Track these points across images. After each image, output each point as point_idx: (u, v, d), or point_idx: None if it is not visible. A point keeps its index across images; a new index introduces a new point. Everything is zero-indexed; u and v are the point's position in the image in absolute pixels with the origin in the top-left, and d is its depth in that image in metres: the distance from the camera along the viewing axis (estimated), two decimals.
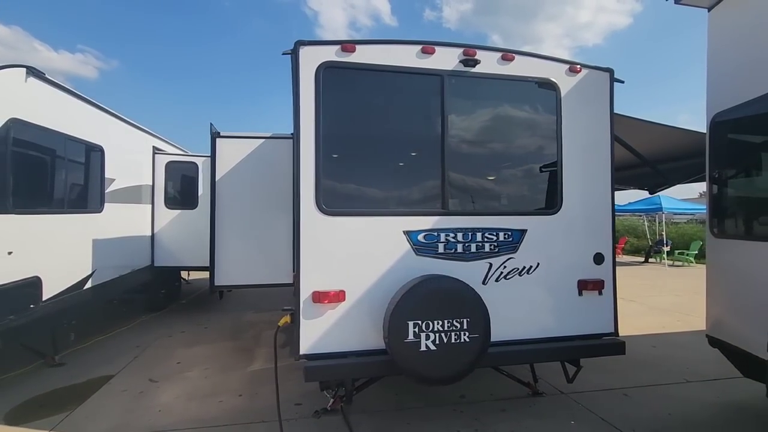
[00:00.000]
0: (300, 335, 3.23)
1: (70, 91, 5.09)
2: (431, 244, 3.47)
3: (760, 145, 4.01)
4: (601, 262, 3.86)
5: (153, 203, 7.49)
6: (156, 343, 6.29)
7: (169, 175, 7.61)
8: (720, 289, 4.21)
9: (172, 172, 7.65)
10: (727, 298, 4.12)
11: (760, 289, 3.65)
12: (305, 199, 3.26)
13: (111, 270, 6.01)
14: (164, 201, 7.59)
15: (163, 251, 7.54)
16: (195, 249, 7.64)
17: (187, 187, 7.78)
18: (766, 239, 3.61)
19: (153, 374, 5.05)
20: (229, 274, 5.21)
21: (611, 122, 3.93)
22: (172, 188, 7.68)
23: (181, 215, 7.66)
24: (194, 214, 7.71)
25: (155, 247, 7.52)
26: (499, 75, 3.68)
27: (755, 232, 3.87)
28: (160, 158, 7.61)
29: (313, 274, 3.25)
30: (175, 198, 7.71)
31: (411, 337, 2.94)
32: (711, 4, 4.33)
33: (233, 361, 5.47)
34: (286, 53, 3.34)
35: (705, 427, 3.81)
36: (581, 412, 4.09)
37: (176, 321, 7.60)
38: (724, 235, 4.18)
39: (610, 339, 3.82)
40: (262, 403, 4.28)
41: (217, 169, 5.16)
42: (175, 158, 7.78)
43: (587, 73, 3.87)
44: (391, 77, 3.50)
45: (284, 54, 3.36)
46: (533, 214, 3.76)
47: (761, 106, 3.70)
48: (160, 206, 7.55)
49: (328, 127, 3.34)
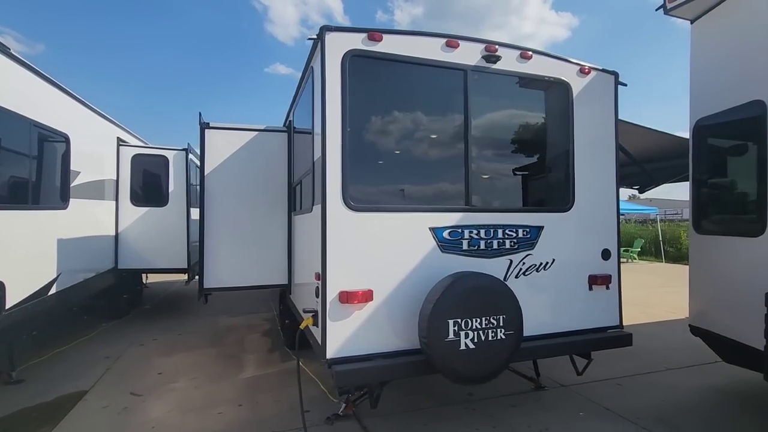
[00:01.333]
0: (327, 338, 3.04)
1: (34, 70, 4.48)
2: (456, 241, 3.42)
3: (738, 149, 4.35)
4: (608, 257, 4.00)
5: (117, 200, 6.82)
6: (128, 353, 5.73)
7: (135, 169, 6.97)
8: (702, 281, 4.52)
9: (139, 166, 7.01)
10: (709, 290, 4.43)
11: (739, 281, 3.96)
12: (331, 195, 3.08)
13: (76, 273, 5.39)
14: (130, 197, 6.94)
15: (128, 252, 6.89)
16: (165, 249, 7.08)
17: (155, 183, 7.17)
18: (744, 235, 3.90)
19: (133, 387, 4.59)
20: (219, 276, 4.84)
21: (616, 123, 4.09)
22: (138, 184, 7.03)
23: (149, 213, 7.04)
24: (164, 211, 7.12)
25: (119, 247, 6.85)
26: (517, 73, 3.71)
27: (734, 228, 4.18)
28: (125, 150, 6.94)
29: (341, 273, 3.08)
30: (142, 194, 7.06)
31: (451, 336, 2.87)
32: (694, 16, 4.63)
33: (221, 369, 5.11)
34: (312, 39, 3.14)
35: (697, 412, 4.06)
36: (586, 403, 4.22)
37: (144, 328, 6.98)
38: (706, 232, 4.50)
39: (618, 331, 3.98)
40: (267, 412, 4.01)
41: (206, 163, 4.77)
42: (143, 151, 7.13)
43: (596, 75, 4.00)
44: (416, 70, 3.40)
45: (309, 40, 3.16)
46: (549, 211, 3.82)
47: (740, 114, 4.01)
48: (125, 203, 6.89)
49: (354, 119, 3.18)
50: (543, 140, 3.97)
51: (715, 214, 4.63)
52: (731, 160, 4.51)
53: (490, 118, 3.66)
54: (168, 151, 7.18)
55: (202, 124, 4.75)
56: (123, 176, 6.88)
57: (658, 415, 3.96)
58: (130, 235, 6.91)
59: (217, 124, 4.84)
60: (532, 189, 3.92)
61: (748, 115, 3.90)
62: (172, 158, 7.15)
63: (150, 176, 7.14)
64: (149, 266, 7.11)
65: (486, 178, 3.66)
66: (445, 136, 3.56)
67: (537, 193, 3.93)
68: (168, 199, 7.15)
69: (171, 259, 7.08)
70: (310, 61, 3.62)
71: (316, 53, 3.35)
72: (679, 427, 3.73)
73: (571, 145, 3.87)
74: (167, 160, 7.15)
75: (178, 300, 9.65)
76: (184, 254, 7.12)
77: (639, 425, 3.77)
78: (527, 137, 3.92)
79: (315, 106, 3.41)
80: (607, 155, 4.03)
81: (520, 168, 3.90)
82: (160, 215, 7.07)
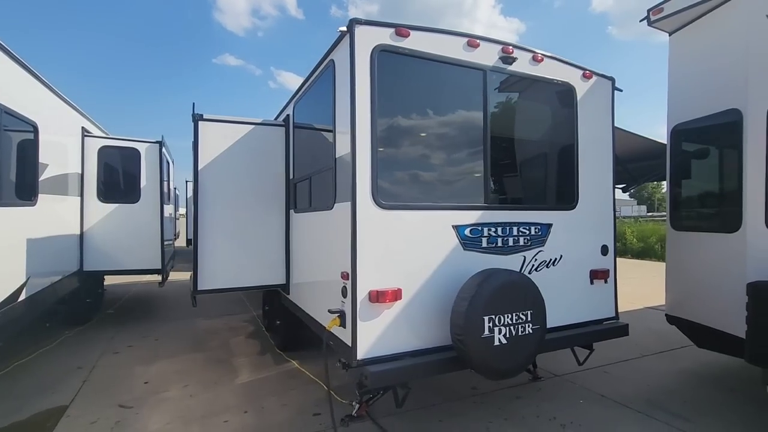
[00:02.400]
0: (358, 339, 2.98)
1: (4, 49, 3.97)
2: (476, 238, 3.47)
3: (715, 152, 4.75)
4: (606, 253, 4.24)
5: (82, 196, 6.23)
6: (103, 362, 5.28)
7: (102, 162, 6.39)
8: (680, 274, 4.90)
9: (107, 160, 6.45)
10: (686, 283, 4.82)
11: (716, 274, 4.35)
12: (361, 193, 3.01)
13: (44, 277, 4.87)
14: (97, 193, 6.37)
15: (94, 253, 6.32)
16: (136, 249, 6.59)
17: (126, 178, 6.63)
18: (721, 231, 4.28)
19: (120, 399, 4.24)
20: (215, 276, 4.56)
21: (613, 125, 4.33)
22: (106, 178, 6.47)
23: (118, 210, 6.50)
24: (135, 208, 6.61)
25: (85, 247, 6.27)
26: (530, 75, 3.82)
27: (711, 225, 4.57)
28: (91, 142, 6.35)
29: (371, 272, 3.02)
30: (110, 190, 6.50)
31: (486, 332, 2.91)
32: (672, 29, 5.00)
33: (214, 375, 4.85)
34: (342, 31, 3.05)
35: (679, 394, 4.40)
36: (582, 391, 4.45)
37: (113, 334, 6.46)
38: (683, 228, 4.89)
39: (616, 322, 4.23)
40: (276, 417, 3.86)
41: (200, 157, 4.47)
42: (111, 143, 6.55)
43: (596, 80, 4.21)
44: (440, 68, 3.40)
45: (340, 31, 3.06)
46: (557, 209, 3.98)
47: (718, 120, 4.38)
48: (91, 199, 6.31)
49: (382, 115, 3.13)
50: (551, 140, 4.12)
51: (692, 212, 5.03)
52: (708, 162, 4.92)
53: (505, 118, 3.75)
54: (139, 143, 6.66)
55: (196, 115, 4.45)
56: (89, 170, 6.29)
57: (647, 399, 4.25)
58: (97, 234, 6.35)
59: (212, 116, 4.56)
60: (541, 187, 4.07)
61: (726, 121, 4.26)
62: (144, 151, 6.64)
63: (119, 170, 6.60)
64: (119, 267, 6.56)
65: (502, 176, 3.74)
66: (465, 135, 3.59)
67: (546, 192, 4.08)
68: (140, 195, 6.64)
69: (143, 260, 6.60)
70: (329, 54, 3.51)
71: (341, 46, 3.25)
72: (669, 408, 4.03)
73: (576, 146, 4.05)
74: (139, 153, 6.63)
75: (143, 303, 9.02)
76: (158, 254, 6.66)
77: (634, 409, 4.04)
78: (537, 137, 4.06)
79: (338, 101, 3.32)
80: (605, 155, 4.26)
81: (531, 167, 4.03)
82: (131, 212, 6.55)
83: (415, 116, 3.39)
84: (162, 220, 6.67)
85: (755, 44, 3.96)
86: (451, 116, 3.55)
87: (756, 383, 4.51)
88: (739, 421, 3.78)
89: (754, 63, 3.98)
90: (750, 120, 3.96)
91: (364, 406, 3.78)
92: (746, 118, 4.00)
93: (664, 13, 4.86)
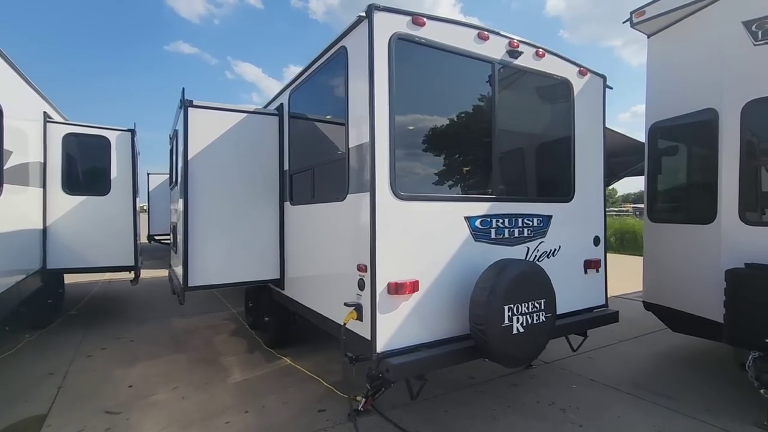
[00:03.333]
0: (377, 332, 2.93)
1: None
2: (486, 229, 3.51)
3: (691, 148, 5.07)
4: (598, 243, 4.43)
5: (45, 187, 5.71)
6: (76, 367, 4.88)
7: (68, 151, 5.88)
8: (657, 264, 5.22)
9: (73, 148, 5.93)
10: (663, 271, 5.13)
11: (692, 263, 4.66)
12: (380, 183, 2.95)
13: (8, 276, 4.42)
14: (62, 184, 5.85)
15: (59, 249, 5.82)
16: (107, 245, 6.14)
17: (94, 168, 6.14)
18: (697, 222, 4.58)
19: (104, 404, 3.95)
20: (207, 271, 4.32)
21: (604, 121, 4.51)
22: (73, 168, 5.95)
23: (86, 203, 6.01)
24: (105, 201, 6.14)
25: (48, 243, 5.76)
26: (533, 70, 3.90)
27: (687, 216, 4.89)
28: (55, 129, 5.81)
29: (390, 264, 2.98)
30: (77, 181, 6.00)
31: (506, 321, 2.95)
32: (651, 32, 5.27)
33: (203, 376, 4.62)
34: (361, 16, 2.96)
35: (659, 375, 4.70)
36: (573, 376, 4.65)
37: (82, 337, 5.99)
38: (659, 220, 5.20)
39: (606, 309, 4.43)
40: (279, 416, 3.73)
41: (190, 146, 4.20)
42: (77, 130, 6.01)
43: (590, 77, 4.37)
44: (453, 59, 3.39)
45: (359, 17, 2.97)
46: (556, 201, 4.10)
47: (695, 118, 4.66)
48: (55, 191, 5.79)
49: (400, 105, 3.08)
50: (551, 134, 4.24)
51: (668, 205, 5.36)
52: (685, 158, 5.24)
53: (511, 111, 3.80)
54: (109, 131, 6.17)
55: (186, 101, 4.18)
56: (52, 159, 5.76)
57: (633, 382, 4.51)
58: (62, 229, 5.84)
59: (202, 103, 4.30)
60: (543, 180, 4.18)
61: (702, 119, 4.55)
62: (115, 140, 6.17)
63: (87, 160, 6.09)
64: (87, 265, 6.07)
65: (508, 168, 3.80)
66: (475, 127, 3.61)
67: (547, 184, 4.19)
68: (110, 187, 6.17)
69: (114, 256, 6.15)
70: (339, 41, 3.40)
71: (356, 32, 3.16)
72: (653, 389, 4.28)
73: (572, 140, 4.19)
74: (108, 141, 6.14)
75: (107, 303, 8.44)
76: (131, 250, 6.25)
77: (623, 391, 4.26)
78: (539, 131, 4.16)
79: (351, 89, 3.23)
80: (597, 149, 4.45)
81: (533, 159, 4.12)
82: (101, 205, 6.08)
83: (428, 107, 3.37)
84: (135, 214, 6.25)
85: (730, 48, 4.24)
86: (462, 108, 3.56)
87: (722, 362, 4.91)
88: (717, 396, 4.08)
89: (729, 65, 4.26)
90: (725, 119, 4.25)
91: (370, 399, 3.75)
92: (722, 116, 4.28)
93: (646, 16, 5.12)
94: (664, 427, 3.53)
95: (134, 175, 6.32)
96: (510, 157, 3.82)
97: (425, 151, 3.35)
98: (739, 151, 4.18)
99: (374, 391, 3.67)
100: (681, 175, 5.28)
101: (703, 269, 4.48)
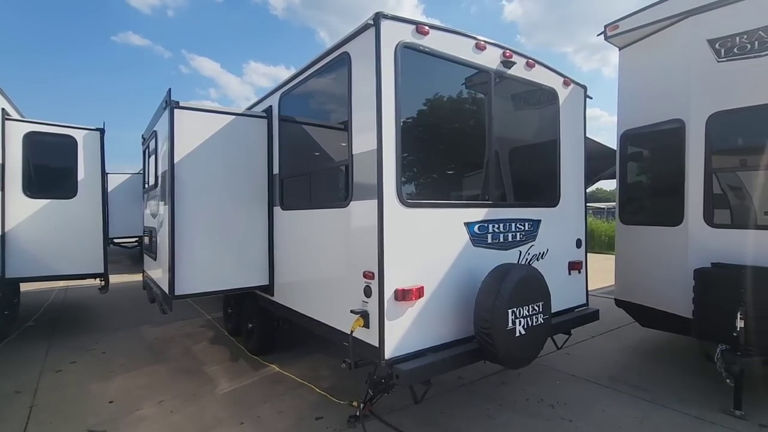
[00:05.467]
0: (385, 338, 2.95)
1: None
2: (483, 235, 3.61)
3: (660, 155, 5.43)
4: (580, 246, 4.66)
5: (3, 189, 5.26)
6: (45, 383, 4.55)
7: (29, 151, 5.44)
8: (628, 263, 5.56)
9: (36, 148, 5.50)
10: (634, 271, 5.47)
11: (662, 262, 5.01)
12: (388, 190, 2.97)
13: None
14: (23, 187, 5.41)
15: (19, 256, 5.38)
16: (73, 251, 5.76)
17: (59, 169, 5.72)
18: (665, 224, 4.92)
19: (86, 422, 3.72)
20: (193, 279, 4.14)
21: (584, 129, 4.75)
22: (35, 169, 5.51)
23: (50, 207, 5.59)
24: (71, 204, 5.75)
25: (7, 250, 5.31)
26: (524, 80, 4.04)
27: (657, 219, 5.24)
28: (14, 127, 5.35)
29: (396, 270, 3.00)
30: (40, 183, 5.56)
31: (510, 324, 3.05)
32: (622, 45, 5.61)
33: (189, 387, 4.44)
34: (369, 24, 2.95)
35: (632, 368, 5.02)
36: (556, 373, 4.87)
37: (46, 350, 5.57)
38: (630, 222, 5.54)
39: (587, 308, 4.67)
40: (276, 426, 3.67)
41: (176, 149, 4.00)
42: (40, 128, 5.56)
43: (573, 87, 4.58)
44: (453, 68, 3.46)
45: (366, 24, 2.96)
46: (544, 206, 4.27)
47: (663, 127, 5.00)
48: (14, 194, 5.34)
49: (405, 113, 3.11)
50: (540, 141, 4.41)
51: (639, 208, 5.72)
52: (654, 164, 5.62)
53: (504, 119, 3.91)
54: (76, 130, 5.77)
55: (171, 102, 3.99)
56: (12, 159, 5.31)
57: (610, 375, 4.78)
58: (23, 235, 5.41)
59: (188, 104, 4.11)
60: (533, 185, 4.34)
61: (670, 128, 4.88)
62: (82, 140, 5.78)
63: (51, 161, 5.67)
64: (50, 273, 5.65)
65: (503, 174, 3.92)
66: (473, 135, 3.71)
67: (536, 190, 4.35)
68: (77, 190, 5.78)
69: (81, 263, 5.78)
70: (340, 46, 3.37)
71: (360, 39, 3.14)
72: (629, 381, 4.57)
73: (558, 147, 4.38)
74: (75, 141, 5.74)
75: (68, 311, 7.89)
76: (100, 256, 5.88)
77: (602, 385, 4.52)
78: (529, 138, 4.32)
79: (355, 96, 3.22)
80: (579, 156, 4.67)
81: (524, 166, 4.27)
82: (67, 209, 5.68)
83: (431, 114, 3.42)
84: (105, 218, 5.89)
85: (696, 63, 4.59)
86: (462, 115, 3.64)
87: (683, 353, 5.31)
88: (684, 386, 4.41)
89: (695, 79, 4.61)
90: (691, 128, 4.60)
91: (368, 405, 3.75)
92: (688, 126, 4.63)
93: (619, 30, 5.43)
94: (645, 417, 3.78)
95: (103, 177, 5.95)
96: (504, 164, 3.94)
97: (428, 159, 3.40)
98: (704, 158, 4.53)
99: (371, 397, 3.68)
100: (650, 179, 5.66)
101: (671, 268, 4.83)
